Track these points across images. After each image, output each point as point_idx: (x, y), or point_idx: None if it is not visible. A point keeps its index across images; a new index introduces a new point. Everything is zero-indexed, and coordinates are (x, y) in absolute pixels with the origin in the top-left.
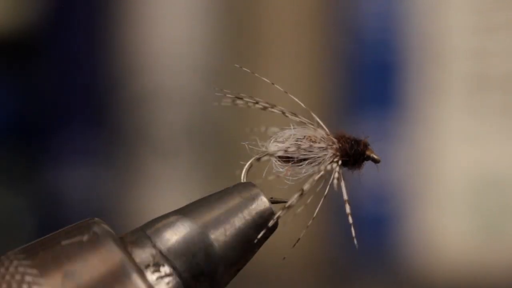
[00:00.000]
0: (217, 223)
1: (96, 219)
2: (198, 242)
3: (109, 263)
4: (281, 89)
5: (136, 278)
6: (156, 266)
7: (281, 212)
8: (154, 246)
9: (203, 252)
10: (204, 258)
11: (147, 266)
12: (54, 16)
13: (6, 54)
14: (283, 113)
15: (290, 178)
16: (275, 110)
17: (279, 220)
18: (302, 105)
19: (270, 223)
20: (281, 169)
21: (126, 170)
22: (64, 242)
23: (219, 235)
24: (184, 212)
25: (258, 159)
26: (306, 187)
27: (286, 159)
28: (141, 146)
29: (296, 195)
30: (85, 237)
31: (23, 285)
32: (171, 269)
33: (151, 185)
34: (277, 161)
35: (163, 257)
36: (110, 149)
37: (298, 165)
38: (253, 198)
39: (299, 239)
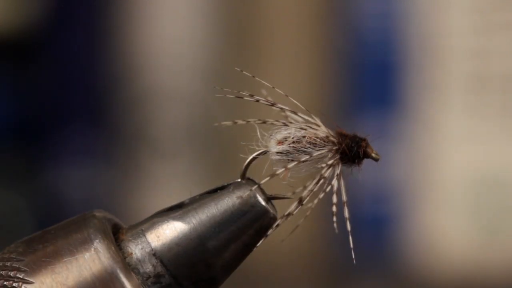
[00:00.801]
0: (215, 230)
1: (96, 214)
2: (197, 253)
3: (99, 267)
4: (282, 93)
5: (124, 283)
6: (157, 277)
7: (280, 220)
8: (154, 254)
9: (203, 263)
10: (204, 267)
11: (148, 278)
12: (54, 16)
13: (6, 54)
14: (284, 111)
15: (289, 178)
16: (276, 108)
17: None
18: (302, 107)
19: (269, 232)
20: (280, 170)
21: (126, 170)
22: (59, 242)
23: (217, 242)
24: (182, 218)
25: (258, 156)
26: (304, 194)
27: (285, 156)
28: (141, 146)
29: (295, 204)
30: (79, 236)
31: (13, 282)
32: (172, 279)
33: (151, 185)
34: (277, 159)
35: (163, 268)
36: (110, 149)
37: (298, 163)
38: (250, 201)
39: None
